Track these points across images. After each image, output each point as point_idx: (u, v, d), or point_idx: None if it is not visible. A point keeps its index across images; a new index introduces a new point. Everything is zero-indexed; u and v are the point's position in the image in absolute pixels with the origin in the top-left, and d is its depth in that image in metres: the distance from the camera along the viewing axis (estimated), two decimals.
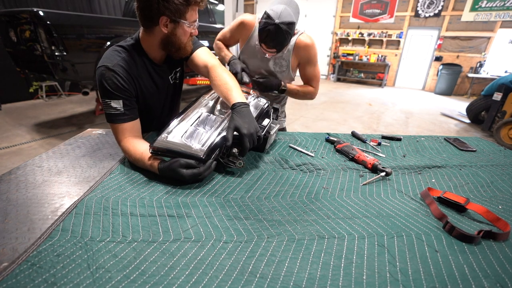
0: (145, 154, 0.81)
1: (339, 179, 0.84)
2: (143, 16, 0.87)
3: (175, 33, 0.89)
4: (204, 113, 0.90)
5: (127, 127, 0.89)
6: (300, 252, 0.53)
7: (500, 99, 3.76)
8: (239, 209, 0.66)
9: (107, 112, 0.88)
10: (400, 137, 1.23)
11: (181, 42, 0.92)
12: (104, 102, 0.87)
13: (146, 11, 0.84)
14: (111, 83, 0.86)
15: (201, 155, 0.74)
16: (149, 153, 0.80)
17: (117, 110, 0.87)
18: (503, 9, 6.22)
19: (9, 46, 3.22)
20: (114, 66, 0.87)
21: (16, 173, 0.78)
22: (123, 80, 0.88)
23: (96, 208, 0.63)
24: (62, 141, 1.17)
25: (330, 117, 4.50)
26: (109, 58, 0.88)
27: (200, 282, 0.45)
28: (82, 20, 3.01)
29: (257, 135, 0.81)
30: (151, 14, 0.84)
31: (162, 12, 0.83)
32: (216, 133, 0.81)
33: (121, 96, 0.88)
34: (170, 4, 0.81)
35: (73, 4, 5.16)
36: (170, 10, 0.83)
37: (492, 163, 1.01)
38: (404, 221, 0.64)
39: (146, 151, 0.81)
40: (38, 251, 0.50)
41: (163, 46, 0.94)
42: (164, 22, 0.85)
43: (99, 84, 0.87)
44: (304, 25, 8.75)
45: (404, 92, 7.22)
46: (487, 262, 0.52)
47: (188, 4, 0.84)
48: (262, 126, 0.94)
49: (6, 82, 4.36)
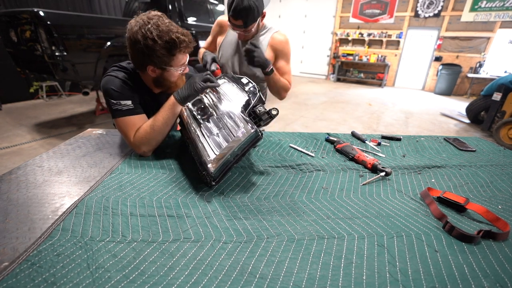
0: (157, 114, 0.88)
1: (339, 179, 0.84)
2: (133, 63, 0.92)
3: (163, 76, 0.92)
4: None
5: (138, 119, 0.91)
6: (299, 252, 0.53)
7: (499, 99, 3.75)
8: (239, 210, 0.66)
9: (115, 108, 0.88)
10: (400, 137, 1.23)
11: (171, 82, 0.95)
12: (113, 104, 0.89)
13: (134, 59, 0.89)
14: (119, 86, 0.90)
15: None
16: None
17: (127, 106, 0.90)
18: (502, 9, 6.22)
19: (9, 46, 3.22)
20: (119, 76, 0.91)
21: (17, 173, 0.78)
22: (129, 87, 0.92)
23: (96, 208, 0.63)
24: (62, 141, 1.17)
25: (330, 117, 4.50)
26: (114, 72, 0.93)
27: (199, 282, 0.45)
28: (82, 20, 3.01)
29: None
30: (138, 63, 0.89)
31: (148, 63, 0.87)
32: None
33: (129, 97, 0.91)
34: (154, 57, 0.84)
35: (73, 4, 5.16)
36: (155, 62, 0.86)
37: (491, 163, 1.01)
38: (404, 221, 0.64)
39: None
40: (38, 250, 0.50)
41: (155, 85, 0.97)
42: (151, 69, 0.89)
43: (106, 89, 0.90)
44: (304, 25, 8.76)
45: (404, 92, 7.22)
46: (487, 262, 0.52)
47: (172, 54, 0.86)
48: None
49: (7, 82, 4.36)
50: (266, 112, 0.82)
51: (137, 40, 0.81)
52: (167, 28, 0.82)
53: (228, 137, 0.73)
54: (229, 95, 0.89)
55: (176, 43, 0.83)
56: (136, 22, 0.83)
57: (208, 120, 0.84)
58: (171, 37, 0.82)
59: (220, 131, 0.77)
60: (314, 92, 6.59)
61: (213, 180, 0.71)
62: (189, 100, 0.90)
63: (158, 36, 0.81)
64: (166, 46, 0.83)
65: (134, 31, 0.82)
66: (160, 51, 0.83)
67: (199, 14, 4.31)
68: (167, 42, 0.82)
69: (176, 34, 0.83)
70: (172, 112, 0.88)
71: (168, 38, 0.82)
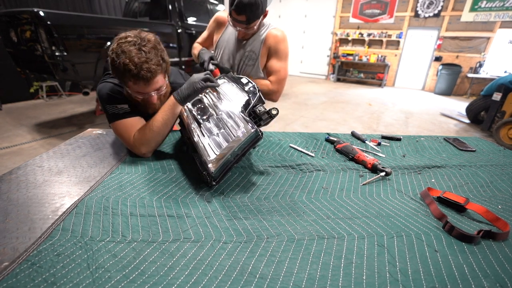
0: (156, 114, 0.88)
1: (339, 179, 0.84)
2: None
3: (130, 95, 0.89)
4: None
5: (136, 121, 0.91)
6: (299, 252, 0.53)
7: (499, 99, 3.75)
8: (239, 210, 0.66)
9: (112, 112, 0.88)
10: (400, 137, 1.23)
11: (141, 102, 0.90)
12: (109, 108, 0.89)
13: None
14: (115, 90, 0.90)
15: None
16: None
17: (124, 109, 0.90)
18: (502, 10, 6.21)
19: (9, 46, 3.22)
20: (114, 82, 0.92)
21: (17, 173, 0.78)
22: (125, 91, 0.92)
23: (96, 208, 0.63)
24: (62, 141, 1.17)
25: (330, 117, 4.50)
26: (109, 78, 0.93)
27: (199, 283, 0.45)
28: (82, 20, 3.01)
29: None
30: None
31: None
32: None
33: (126, 101, 0.91)
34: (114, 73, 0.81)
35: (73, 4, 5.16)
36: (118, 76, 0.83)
37: (491, 163, 1.01)
38: (404, 221, 0.64)
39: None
40: (38, 250, 0.50)
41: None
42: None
43: (102, 95, 0.89)
44: (304, 25, 8.75)
45: (404, 92, 7.22)
46: (487, 262, 0.52)
47: (122, 80, 0.82)
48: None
49: (7, 82, 4.36)
50: (266, 112, 0.82)
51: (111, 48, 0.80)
52: (128, 51, 0.76)
53: (228, 137, 0.73)
54: (229, 95, 0.89)
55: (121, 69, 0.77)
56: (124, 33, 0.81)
57: (208, 120, 0.83)
58: (121, 61, 0.76)
59: (220, 131, 0.77)
60: (314, 92, 6.59)
61: (214, 180, 0.71)
62: (189, 100, 0.89)
63: (116, 55, 0.77)
64: (116, 69, 0.79)
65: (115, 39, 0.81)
66: (114, 70, 0.80)
67: (199, 14, 4.31)
68: (118, 65, 0.77)
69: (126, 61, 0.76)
70: (172, 113, 0.88)
71: (119, 62, 0.77)
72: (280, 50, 1.28)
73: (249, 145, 0.71)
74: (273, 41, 1.27)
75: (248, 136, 0.69)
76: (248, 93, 0.86)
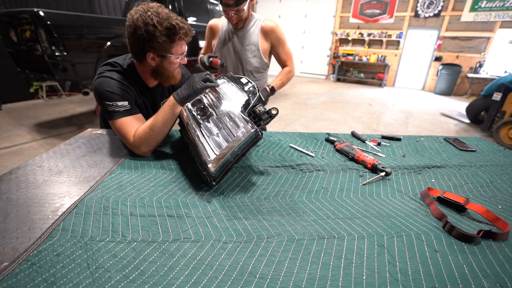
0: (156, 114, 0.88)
1: (339, 179, 0.84)
2: (132, 51, 0.92)
3: (162, 65, 0.92)
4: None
5: (137, 120, 0.91)
6: (299, 252, 0.53)
7: (499, 99, 3.75)
8: (239, 209, 0.66)
9: (112, 110, 0.88)
10: (400, 137, 1.23)
11: (169, 72, 0.95)
12: (108, 105, 0.88)
13: (134, 48, 0.89)
14: (115, 87, 0.90)
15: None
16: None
17: (124, 107, 0.90)
18: (502, 9, 6.21)
19: (9, 46, 3.22)
20: (114, 77, 0.92)
21: (17, 173, 0.78)
22: (125, 87, 0.92)
23: (96, 208, 0.63)
24: (62, 141, 1.17)
25: (330, 117, 4.50)
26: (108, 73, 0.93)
27: (199, 283, 0.45)
28: (82, 20, 3.01)
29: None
30: (139, 51, 0.89)
31: (148, 49, 0.87)
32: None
33: (126, 98, 0.91)
34: (155, 43, 0.85)
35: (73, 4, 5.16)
36: (155, 48, 0.87)
37: (491, 163, 1.01)
38: (404, 221, 0.64)
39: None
40: (38, 250, 0.50)
41: (153, 75, 0.97)
42: (152, 57, 0.89)
43: (101, 92, 0.89)
44: (304, 25, 8.75)
45: (404, 92, 7.22)
46: (487, 262, 0.52)
47: (172, 41, 0.87)
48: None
49: (7, 82, 4.36)
50: (266, 111, 0.82)
51: (138, 27, 0.82)
52: (167, 15, 0.84)
53: (228, 137, 0.73)
54: (228, 95, 0.89)
55: (176, 29, 0.84)
56: (136, 10, 0.84)
57: (207, 120, 0.83)
58: (171, 23, 0.83)
59: (220, 131, 0.77)
60: (314, 92, 6.59)
61: (214, 180, 0.71)
62: (189, 100, 0.90)
63: (159, 22, 0.82)
64: (166, 33, 0.84)
65: (135, 18, 0.83)
66: (161, 37, 0.84)
67: (199, 14, 4.31)
68: (167, 28, 0.83)
69: (176, 21, 0.84)
70: (172, 113, 0.88)
71: (168, 24, 0.83)
72: (281, 38, 1.45)
73: (249, 145, 0.71)
74: (272, 34, 1.42)
75: (248, 136, 0.69)
76: (248, 93, 0.86)
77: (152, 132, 0.87)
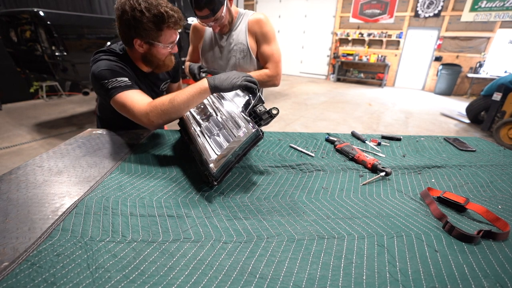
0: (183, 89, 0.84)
1: (339, 179, 0.84)
2: (121, 37, 0.90)
3: (151, 52, 0.90)
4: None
5: (139, 93, 0.88)
6: (299, 252, 0.53)
7: (499, 99, 3.75)
8: (239, 209, 0.66)
9: (113, 86, 0.85)
10: (400, 137, 1.23)
11: (158, 60, 0.93)
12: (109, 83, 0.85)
13: (122, 33, 0.88)
14: (113, 66, 0.88)
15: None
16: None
17: (124, 82, 0.87)
18: (502, 9, 6.22)
19: (9, 46, 3.22)
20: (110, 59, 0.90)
21: (17, 173, 0.78)
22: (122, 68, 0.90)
23: (96, 208, 0.63)
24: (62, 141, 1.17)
25: (330, 117, 4.50)
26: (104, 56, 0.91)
27: (199, 283, 0.45)
28: (82, 20, 3.01)
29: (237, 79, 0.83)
30: (125, 36, 0.88)
31: (134, 35, 0.85)
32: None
33: (125, 75, 0.88)
34: (141, 30, 0.83)
35: (73, 4, 5.16)
36: (142, 35, 0.85)
37: (491, 163, 1.01)
38: (404, 221, 0.64)
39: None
40: (38, 250, 0.50)
41: (143, 62, 0.96)
42: (139, 43, 0.87)
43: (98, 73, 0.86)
44: (304, 25, 8.75)
45: (404, 92, 7.22)
46: (487, 262, 0.52)
47: (160, 29, 0.84)
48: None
49: (7, 82, 4.36)
50: (266, 111, 0.82)
51: (124, 11, 0.80)
52: (156, 1, 0.81)
53: (228, 137, 0.73)
54: (229, 95, 0.89)
55: (164, 17, 0.81)
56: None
57: (208, 120, 0.83)
58: (160, 10, 0.80)
59: (221, 131, 0.77)
60: (314, 92, 6.59)
61: (215, 180, 0.71)
62: (220, 91, 0.83)
63: (146, 9, 0.79)
64: (153, 20, 0.81)
65: (123, 1, 0.81)
66: (148, 24, 0.81)
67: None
68: (155, 16, 0.81)
69: (165, 9, 0.81)
70: (199, 95, 0.82)
71: (157, 11, 0.80)
72: (267, 33, 1.25)
73: (250, 145, 0.71)
74: (257, 26, 1.24)
75: (249, 136, 0.69)
76: (248, 93, 0.86)
77: (171, 106, 0.81)
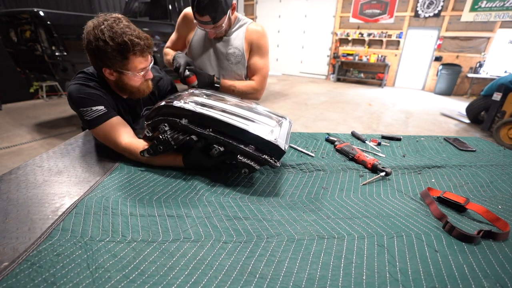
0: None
1: (339, 179, 0.84)
2: (92, 65, 0.89)
3: (122, 80, 0.88)
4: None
5: (117, 121, 0.87)
6: (299, 252, 0.53)
7: (499, 99, 3.75)
8: (239, 209, 0.66)
9: (89, 119, 0.84)
10: (400, 137, 1.23)
11: (131, 87, 0.91)
12: (84, 112, 0.84)
13: (91, 62, 0.86)
14: (87, 92, 0.86)
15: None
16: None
17: (100, 111, 0.85)
18: (502, 9, 6.21)
19: (9, 46, 3.22)
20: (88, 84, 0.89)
21: (17, 173, 0.78)
22: (100, 92, 0.89)
23: (96, 208, 0.63)
24: (62, 141, 1.17)
25: (330, 117, 4.50)
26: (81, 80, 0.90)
27: (199, 282, 0.45)
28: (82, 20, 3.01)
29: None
30: (95, 66, 0.87)
31: (102, 65, 0.84)
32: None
33: (101, 102, 0.87)
34: (106, 59, 0.81)
35: (73, 4, 5.16)
36: (108, 64, 0.83)
37: (491, 163, 1.01)
38: (404, 221, 0.64)
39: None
40: (38, 250, 0.50)
41: (117, 89, 0.94)
42: (108, 72, 0.86)
43: (74, 99, 0.85)
44: (304, 25, 8.75)
45: (404, 92, 7.21)
46: (487, 262, 0.52)
47: (125, 58, 0.82)
48: None
49: (7, 82, 4.36)
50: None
51: (89, 41, 0.79)
52: (121, 30, 0.79)
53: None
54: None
55: (128, 45, 0.79)
56: (92, 22, 0.80)
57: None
58: (123, 39, 0.78)
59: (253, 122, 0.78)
60: (314, 92, 6.59)
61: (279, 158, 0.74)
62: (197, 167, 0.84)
63: (110, 38, 0.77)
64: (118, 49, 0.79)
65: (88, 31, 0.79)
66: (112, 53, 0.79)
67: None
68: (119, 44, 0.78)
69: (130, 37, 0.79)
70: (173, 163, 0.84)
71: (121, 40, 0.78)
72: (263, 46, 1.25)
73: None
74: (255, 36, 1.22)
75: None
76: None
77: (145, 161, 0.85)
